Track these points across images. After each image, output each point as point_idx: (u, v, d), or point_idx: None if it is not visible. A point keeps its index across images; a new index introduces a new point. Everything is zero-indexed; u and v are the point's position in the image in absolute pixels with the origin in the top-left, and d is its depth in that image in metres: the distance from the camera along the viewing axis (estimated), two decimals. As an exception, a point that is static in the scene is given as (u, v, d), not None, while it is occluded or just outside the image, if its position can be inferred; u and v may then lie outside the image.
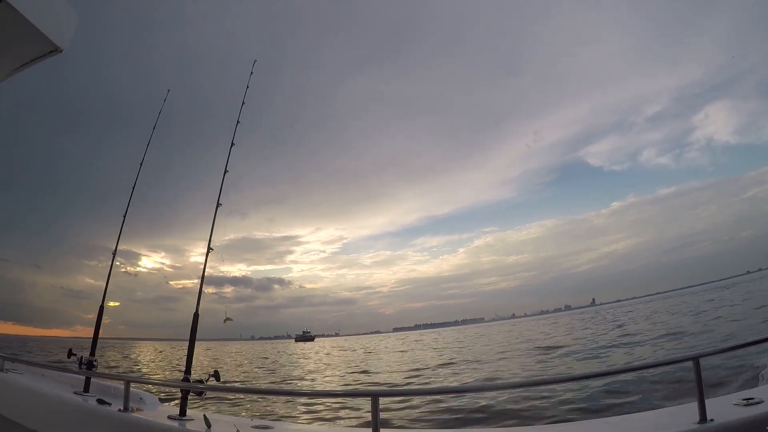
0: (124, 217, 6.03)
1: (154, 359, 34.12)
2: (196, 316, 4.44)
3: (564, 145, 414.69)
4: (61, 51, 3.34)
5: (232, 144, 5.01)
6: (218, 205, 4.84)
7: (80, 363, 5.53)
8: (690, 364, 2.86)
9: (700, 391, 2.75)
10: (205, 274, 4.56)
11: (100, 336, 6.01)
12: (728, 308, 27.89)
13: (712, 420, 2.69)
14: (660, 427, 2.99)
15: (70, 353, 5.76)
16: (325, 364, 27.56)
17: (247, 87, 5.61)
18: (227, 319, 4.45)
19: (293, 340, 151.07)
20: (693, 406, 2.82)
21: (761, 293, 37.70)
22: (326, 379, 18.63)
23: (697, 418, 2.73)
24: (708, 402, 2.76)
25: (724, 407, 2.90)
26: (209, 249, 4.35)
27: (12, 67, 3.64)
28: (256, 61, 5.87)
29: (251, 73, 5.70)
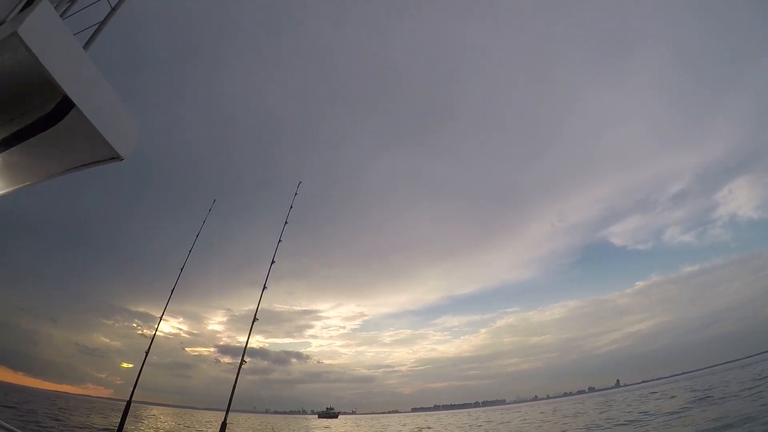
0: (171, 292, 6.14)
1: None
2: (224, 425, 4.33)
3: (587, 226, 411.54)
4: (122, 159, 3.47)
5: (273, 261, 5.00)
6: (255, 319, 4.74)
7: None
8: None
9: None
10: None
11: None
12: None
13: None
14: None
15: None
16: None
17: (291, 207, 5.24)
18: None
19: (316, 416, 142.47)
20: None
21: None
22: None
23: None
24: None
25: None
26: (242, 360, 4.30)
27: (71, 166, 3.73)
28: (300, 183, 5.56)
29: (296, 194, 5.38)
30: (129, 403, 6.03)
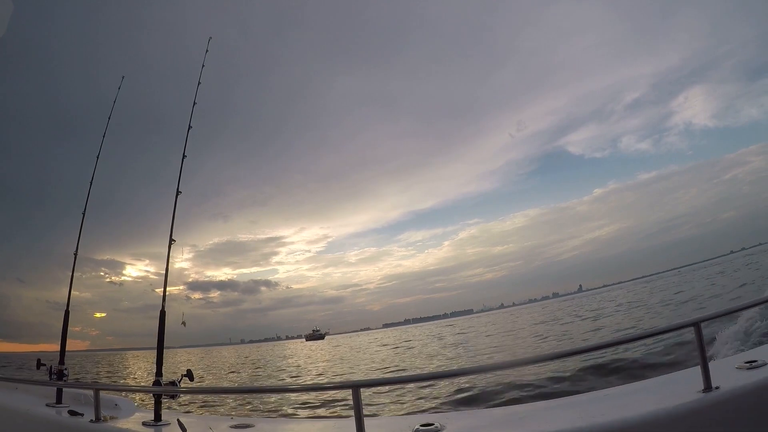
0: (83, 215, 5.67)
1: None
2: (162, 313, 4.19)
3: (545, 135, 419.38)
4: None
5: (189, 127, 4.68)
6: (178, 192, 4.45)
7: (50, 373, 5.24)
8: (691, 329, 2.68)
9: (703, 358, 2.57)
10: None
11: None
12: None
13: (717, 387, 2.49)
14: (663, 396, 2.71)
15: (39, 364, 5.46)
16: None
17: (203, 66, 5.23)
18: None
19: (303, 339, 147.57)
20: (695, 372, 2.63)
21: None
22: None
23: (701, 385, 2.54)
24: (710, 366, 2.55)
25: (726, 372, 2.73)
26: (171, 240, 4.08)
27: None
28: (211, 38, 5.48)
29: (206, 50, 5.36)
30: (64, 335, 5.72)
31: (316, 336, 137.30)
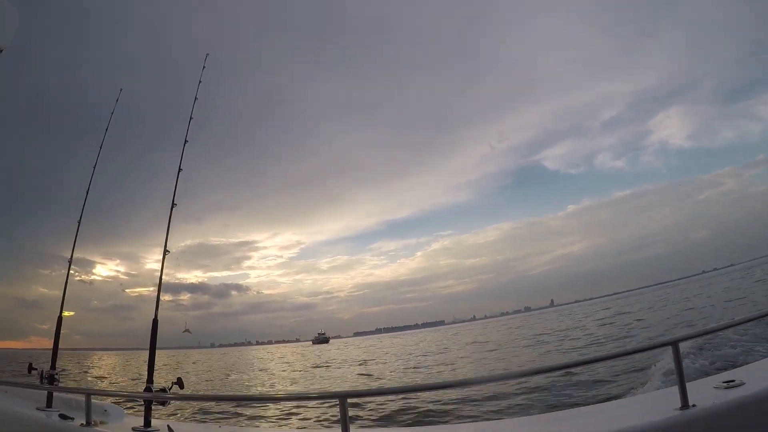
0: (79, 224, 5.65)
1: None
2: (155, 322, 4.25)
3: (521, 150, 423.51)
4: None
5: (186, 141, 4.74)
6: (173, 205, 4.53)
7: (41, 377, 5.23)
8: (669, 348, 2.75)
9: (681, 376, 2.65)
10: (162, 281, 4.36)
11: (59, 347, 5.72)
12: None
13: (694, 405, 2.57)
14: (641, 414, 2.82)
15: (31, 368, 5.45)
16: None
17: (200, 82, 5.29)
18: (186, 330, 4.31)
19: (310, 342, 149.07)
20: (674, 392, 2.71)
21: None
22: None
23: (679, 403, 2.61)
24: (688, 386, 2.64)
25: (704, 391, 2.81)
26: (166, 251, 4.14)
27: None
28: (208, 54, 5.63)
29: (203, 67, 5.45)
30: (56, 340, 5.71)
31: (321, 339, 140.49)
